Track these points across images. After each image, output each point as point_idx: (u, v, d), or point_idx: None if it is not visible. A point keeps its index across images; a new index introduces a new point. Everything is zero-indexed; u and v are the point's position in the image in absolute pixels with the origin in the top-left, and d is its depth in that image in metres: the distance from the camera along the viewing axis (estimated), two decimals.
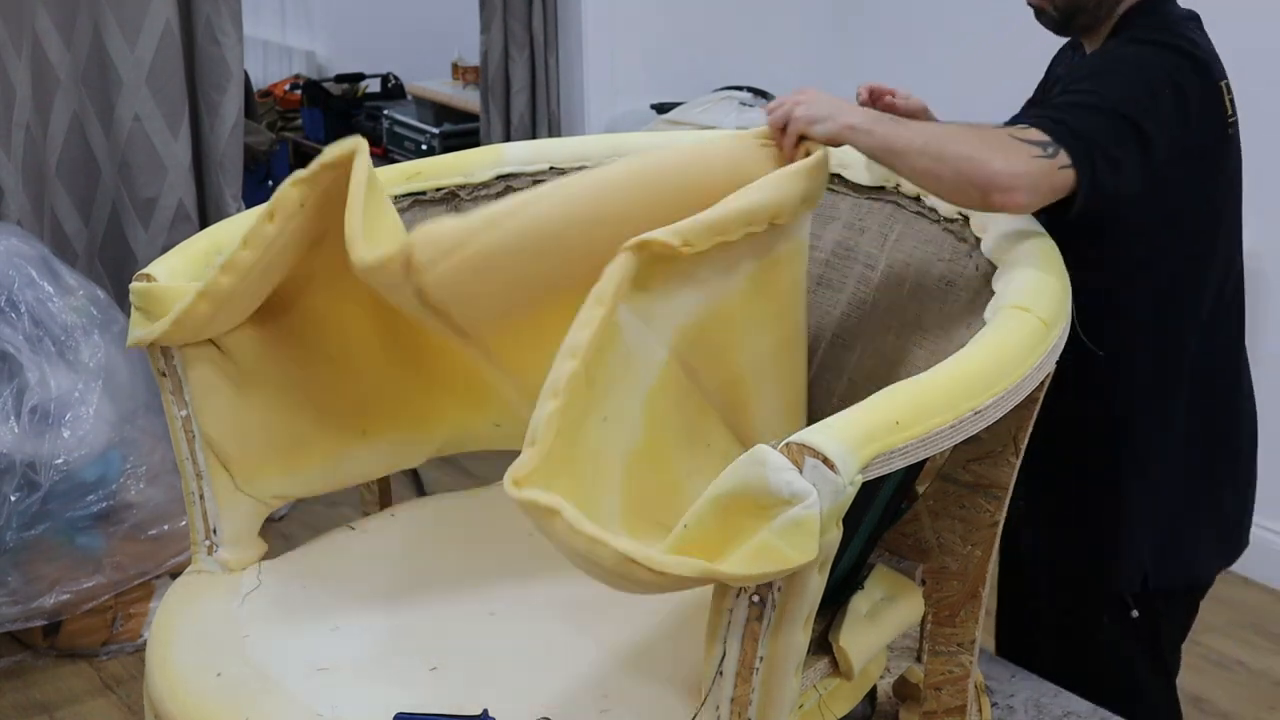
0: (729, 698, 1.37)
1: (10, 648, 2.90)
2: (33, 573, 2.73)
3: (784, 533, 1.24)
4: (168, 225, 3.23)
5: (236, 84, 3.27)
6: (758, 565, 1.25)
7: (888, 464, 1.32)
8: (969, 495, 1.69)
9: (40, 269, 2.82)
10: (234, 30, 3.23)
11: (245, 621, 1.75)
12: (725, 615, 1.35)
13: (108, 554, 2.81)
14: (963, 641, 1.75)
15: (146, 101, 3.15)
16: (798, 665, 1.37)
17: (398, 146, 4.90)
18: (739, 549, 1.26)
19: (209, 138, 3.29)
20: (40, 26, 3.06)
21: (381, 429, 2.01)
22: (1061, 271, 1.66)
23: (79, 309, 2.83)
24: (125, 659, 2.89)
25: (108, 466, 2.79)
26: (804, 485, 1.24)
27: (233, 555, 1.87)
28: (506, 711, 1.52)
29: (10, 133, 3.01)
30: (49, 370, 2.72)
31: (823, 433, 1.28)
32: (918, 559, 1.75)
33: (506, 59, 3.83)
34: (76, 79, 3.14)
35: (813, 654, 1.49)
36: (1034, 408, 1.62)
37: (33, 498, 2.67)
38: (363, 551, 1.95)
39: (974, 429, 1.41)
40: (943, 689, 1.77)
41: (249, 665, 1.65)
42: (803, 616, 1.34)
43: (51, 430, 2.70)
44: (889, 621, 1.63)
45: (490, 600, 1.80)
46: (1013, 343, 1.50)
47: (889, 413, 1.33)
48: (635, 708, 1.57)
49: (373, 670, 1.65)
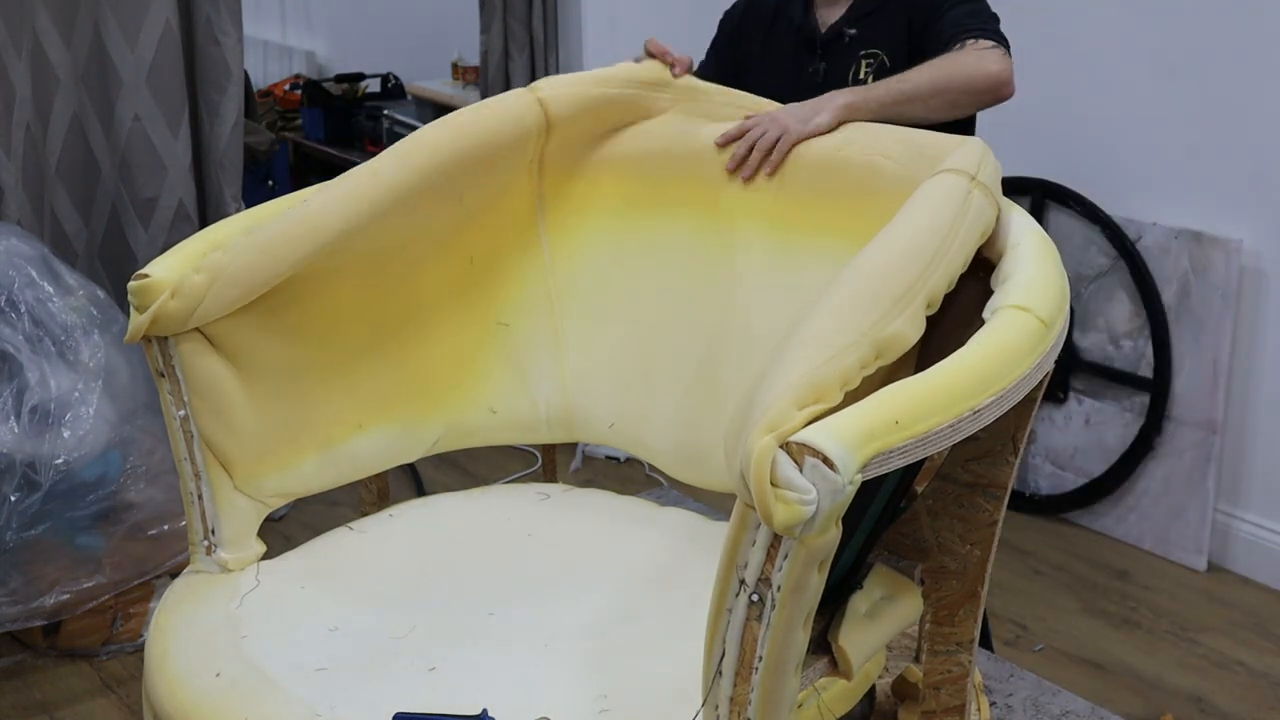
0: (728, 697, 1.37)
1: (10, 648, 2.90)
2: (33, 573, 2.73)
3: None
4: (168, 225, 3.23)
5: (236, 84, 3.27)
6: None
7: (887, 463, 1.32)
8: (968, 494, 1.69)
9: (40, 269, 2.82)
10: (234, 30, 3.23)
11: (244, 621, 1.75)
12: (725, 615, 1.35)
13: (108, 554, 2.81)
14: (961, 641, 1.75)
15: (146, 101, 3.15)
16: (797, 665, 1.37)
17: None
18: None
19: (209, 138, 3.29)
20: (40, 26, 3.06)
21: (377, 422, 2.02)
22: (1060, 271, 1.67)
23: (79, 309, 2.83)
24: (125, 659, 2.89)
25: (108, 466, 2.78)
26: (803, 483, 1.25)
27: (231, 555, 1.88)
28: (506, 711, 1.52)
29: (10, 133, 3.01)
30: (49, 370, 2.72)
31: (822, 432, 1.28)
32: (916, 558, 1.75)
33: (506, 59, 3.83)
34: (76, 79, 3.14)
35: (812, 653, 1.49)
36: (1033, 407, 1.62)
37: (33, 498, 2.67)
38: (362, 552, 1.95)
39: (973, 428, 1.41)
40: (941, 688, 1.77)
41: (248, 665, 1.65)
42: (802, 616, 1.34)
43: (51, 430, 2.70)
44: (888, 621, 1.63)
45: (490, 600, 1.80)
46: (1011, 342, 1.50)
47: (888, 412, 1.33)
48: (635, 708, 1.57)
49: (372, 670, 1.65)
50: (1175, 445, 3.22)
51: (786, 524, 1.26)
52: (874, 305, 1.47)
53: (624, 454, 3.74)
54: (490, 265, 2.15)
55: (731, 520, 1.32)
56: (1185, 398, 3.19)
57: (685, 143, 2.15)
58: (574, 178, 2.18)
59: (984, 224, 1.70)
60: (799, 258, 2.02)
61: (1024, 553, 3.29)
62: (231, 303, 1.81)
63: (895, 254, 1.56)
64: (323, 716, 1.55)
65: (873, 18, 2.34)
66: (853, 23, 2.35)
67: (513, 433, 2.19)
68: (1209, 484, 3.17)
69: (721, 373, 2.08)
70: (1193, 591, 3.12)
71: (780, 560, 1.29)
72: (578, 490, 2.16)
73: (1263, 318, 3.07)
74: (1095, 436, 3.37)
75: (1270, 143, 2.92)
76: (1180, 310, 3.15)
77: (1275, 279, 3.02)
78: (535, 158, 2.12)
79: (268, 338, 1.89)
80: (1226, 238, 3.03)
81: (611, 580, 1.87)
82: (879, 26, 2.33)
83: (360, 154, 5.07)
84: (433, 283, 2.09)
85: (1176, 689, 2.73)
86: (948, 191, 1.69)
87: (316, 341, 1.96)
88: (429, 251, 2.06)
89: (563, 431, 2.19)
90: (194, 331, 1.82)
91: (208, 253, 1.85)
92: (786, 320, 1.99)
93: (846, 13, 2.37)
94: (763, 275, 2.06)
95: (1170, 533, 3.25)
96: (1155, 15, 3.11)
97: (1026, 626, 2.98)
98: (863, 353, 1.43)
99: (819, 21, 2.40)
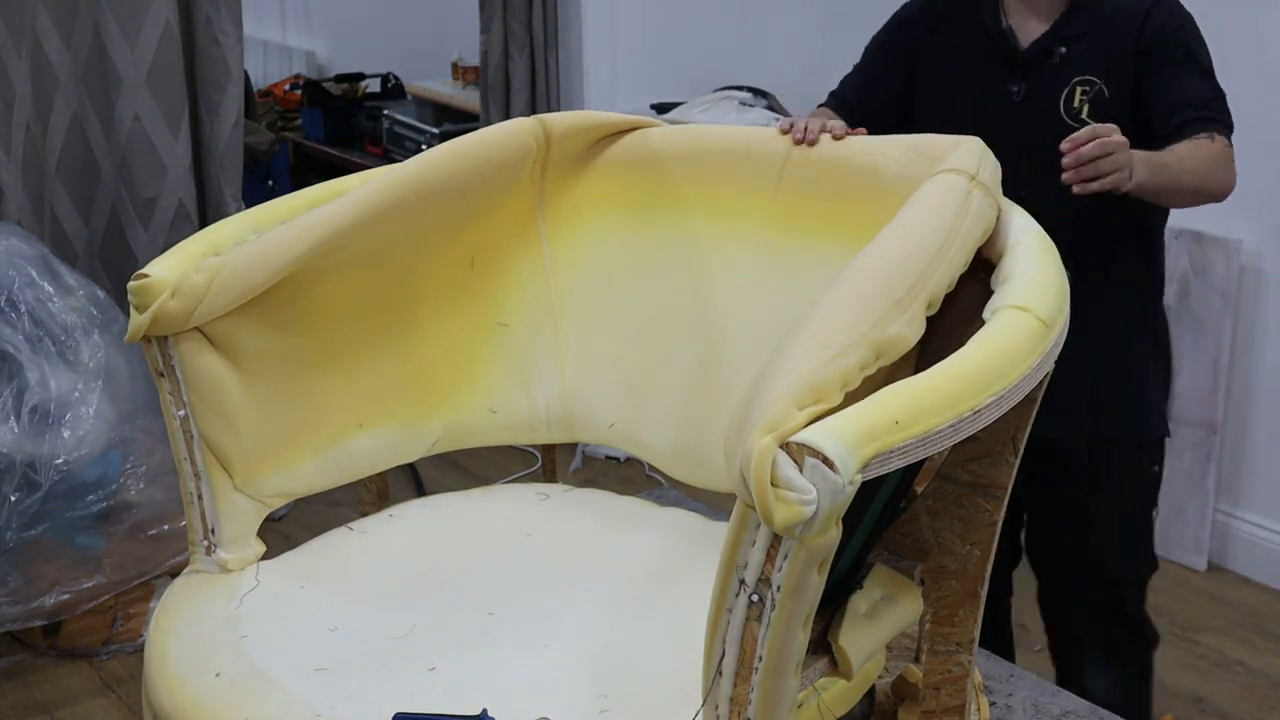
0: (728, 697, 1.37)
1: (10, 648, 2.90)
2: (33, 573, 2.73)
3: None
4: (168, 225, 3.23)
5: (236, 84, 3.27)
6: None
7: (887, 464, 1.31)
8: (968, 495, 1.69)
9: (40, 269, 2.82)
10: (234, 30, 3.23)
11: (244, 621, 1.75)
12: (724, 615, 1.35)
13: (108, 554, 2.81)
14: (961, 641, 1.75)
15: (146, 101, 3.16)
16: (797, 665, 1.37)
17: (398, 146, 4.91)
18: None
19: (209, 138, 3.29)
20: (40, 26, 3.06)
21: (378, 422, 2.02)
22: (1060, 271, 1.67)
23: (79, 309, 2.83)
24: (125, 659, 2.90)
25: (108, 466, 2.79)
26: (803, 483, 1.25)
27: (231, 555, 1.88)
28: (506, 711, 1.52)
29: (10, 133, 3.01)
30: (49, 370, 2.72)
31: (822, 432, 1.28)
32: (917, 558, 1.75)
33: (506, 59, 3.83)
34: (76, 79, 3.14)
35: (812, 654, 1.49)
36: (1033, 407, 1.62)
37: (33, 498, 2.67)
38: (362, 552, 1.95)
39: (973, 429, 1.41)
40: (941, 688, 1.77)
41: (248, 665, 1.65)
42: (802, 616, 1.34)
43: (51, 430, 2.70)
44: (888, 621, 1.63)
45: (490, 600, 1.80)
46: (1011, 343, 1.50)
47: (888, 412, 1.33)
48: (635, 708, 1.57)
49: (372, 670, 1.65)
50: (1175, 445, 3.22)
51: (786, 524, 1.26)
52: (874, 306, 1.47)
53: (624, 454, 3.74)
54: (491, 265, 2.15)
55: (731, 520, 1.32)
56: (1185, 398, 3.19)
57: (687, 144, 2.15)
58: (575, 178, 2.18)
59: (984, 224, 1.69)
60: (798, 258, 2.02)
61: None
62: (232, 301, 1.81)
63: (895, 255, 1.56)
64: (323, 716, 1.55)
65: (1086, 39, 2.15)
66: (1062, 41, 2.17)
67: (513, 433, 2.19)
68: (1209, 484, 3.17)
69: (721, 373, 2.08)
70: (1192, 591, 3.12)
71: (780, 561, 1.29)
72: (578, 490, 2.16)
73: (1263, 318, 3.07)
74: None
75: (1270, 143, 2.92)
76: (1180, 310, 3.15)
77: (1275, 279, 3.02)
78: (537, 159, 2.12)
79: (268, 337, 1.89)
80: (1226, 238, 3.03)
81: (611, 580, 1.87)
82: (1095, 50, 2.15)
83: (360, 154, 5.07)
84: (433, 283, 2.09)
85: (1176, 689, 2.73)
86: (948, 191, 1.69)
87: (317, 341, 1.96)
88: (429, 251, 2.06)
89: (563, 431, 2.19)
90: (194, 331, 1.82)
91: (208, 252, 1.85)
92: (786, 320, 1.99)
93: (1052, 28, 2.18)
94: (762, 276, 2.06)
95: (1170, 532, 3.25)
96: None
97: (1026, 626, 2.98)
98: (863, 354, 1.42)
99: (1017, 33, 2.20)
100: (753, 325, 2.06)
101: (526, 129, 2.10)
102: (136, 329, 1.80)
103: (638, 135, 2.17)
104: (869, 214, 1.91)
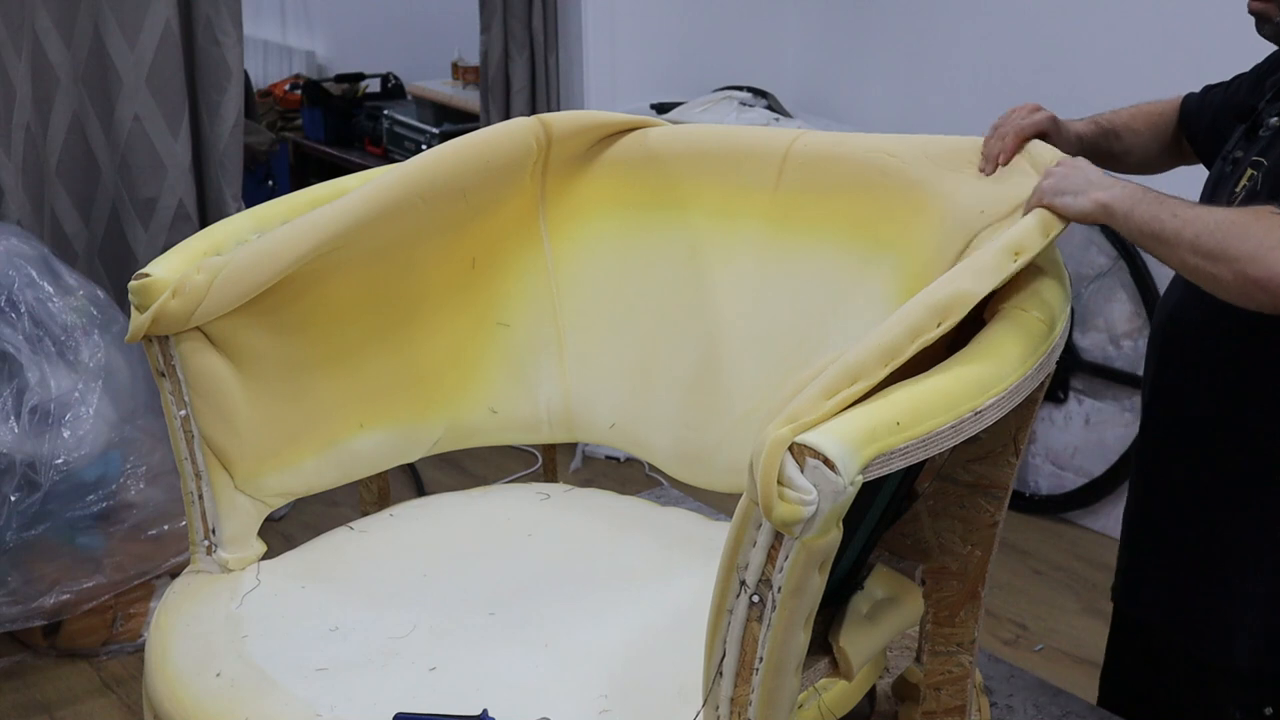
0: (729, 698, 1.37)
1: (10, 648, 2.90)
2: (33, 573, 2.73)
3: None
4: (168, 225, 3.23)
5: (236, 84, 3.27)
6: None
7: (888, 464, 1.31)
8: (969, 495, 1.69)
9: (40, 269, 2.82)
10: (234, 30, 3.23)
11: (244, 621, 1.75)
12: (725, 615, 1.35)
13: (108, 554, 2.81)
14: (962, 641, 1.75)
15: (146, 101, 3.15)
16: (797, 665, 1.37)
17: (398, 146, 4.90)
18: None
19: (209, 138, 3.29)
20: (40, 26, 3.06)
21: (378, 422, 2.02)
22: (1061, 271, 1.67)
23: (79, 309, 2.83)
24: (125, 659, 2.89)
25: (108, 466, 2.79)
26: (804, 483, 1.25)
27: (232, 555, 1.88)
28: (506, 711, 1.52)
29: (10, 133, 3.01)
30: (49, 370, 2.72)
31: (823, 433, 1.28)
32: (918, 559, 1.75)
33: (506, 59, 3.83)
34: (76, 79, 3.14)
35: (812, 654, 1.49)
36: (1034, 408, 1.62)
37: (33, 498, 2.67)
38: (362, 551, 1.95)
39: (974, 430, 1.41)
40: (942, 689, 1.77)
41: (248, 665, 1.65)
42: (803, 617, 1.34)
43: (51, 430, 2.70)
44: (889, 622, 1.63)
45: (490, 600, 1.80)
46: (1013, 344, 1.50)
47: (890, 413, 1.33)
48: (635, 708, 1.57)
49: (372, 670, 1.65)
50: None
51: (785, 521, 1.26)
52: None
53: (624, 454, 3.74)
54: (491, 265, 2.15)
55: (734, 518, 1.32)
56: None
57: (687, 143, 2.15)
58: (576, 178, 2.18)
59: None
60: (799, 257, 2.02)
61: (1024, 553, 3.29)
62: (233, 301, 1.81)
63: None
64: (323, 716, 1.55)
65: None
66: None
67: (513, 433, 2.19)
68: None
69: (722, 373, 2.08)
70: None
71: (781, 561, 1.29)
72: (578, 490, 2.16)
73: None
74: (1095, 436, 3.37)
75: None
76: None
77: None
78: (538, 159, 2.12)
79: (269, 337, 1.89)
80: None
81: (611, 580, 1.87)
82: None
83: (360, 154, 5.07)
84: (434, 282, 2.09)
85: None
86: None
87: (317, 340, 1.96)
88: (430, 250, 2.06)
89: (563, 431, 2.19)
90: (194, 331, 1.82)
91: (209, 252, 1.85)
92: (787, 320, 2.00)
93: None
94: (763, 275, 2.06)
95: None
96: (1154, 12, 3.11)
97: (1026, 626, 2.98)
98: (916, 319, 1.40)
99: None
100: (753, 325, 2.06)
101: (527, 129, 2.10)
102: (137, 329, 1.80)
103: (638, 135, 2.17)
104: (870, 213, 1.91)
